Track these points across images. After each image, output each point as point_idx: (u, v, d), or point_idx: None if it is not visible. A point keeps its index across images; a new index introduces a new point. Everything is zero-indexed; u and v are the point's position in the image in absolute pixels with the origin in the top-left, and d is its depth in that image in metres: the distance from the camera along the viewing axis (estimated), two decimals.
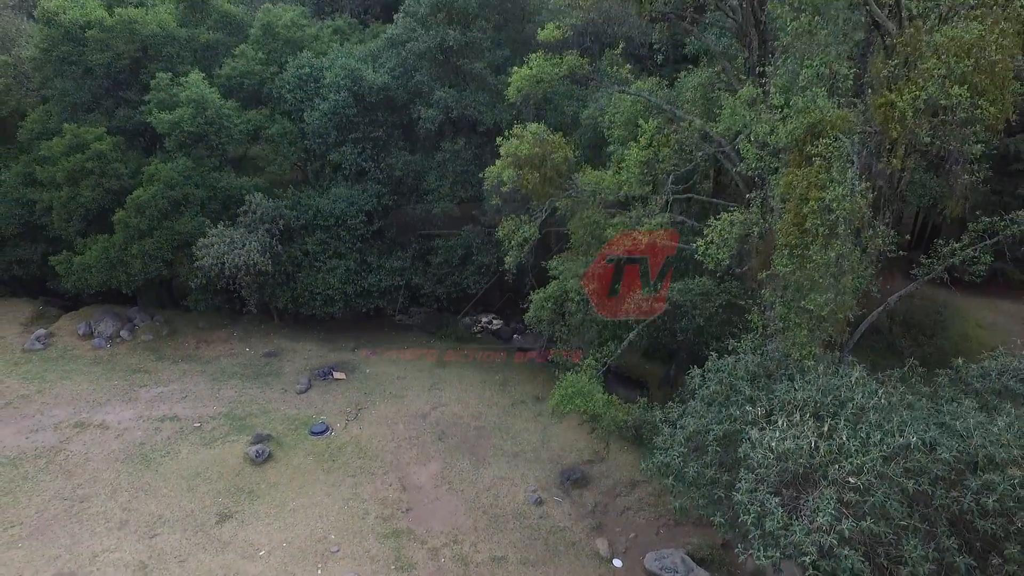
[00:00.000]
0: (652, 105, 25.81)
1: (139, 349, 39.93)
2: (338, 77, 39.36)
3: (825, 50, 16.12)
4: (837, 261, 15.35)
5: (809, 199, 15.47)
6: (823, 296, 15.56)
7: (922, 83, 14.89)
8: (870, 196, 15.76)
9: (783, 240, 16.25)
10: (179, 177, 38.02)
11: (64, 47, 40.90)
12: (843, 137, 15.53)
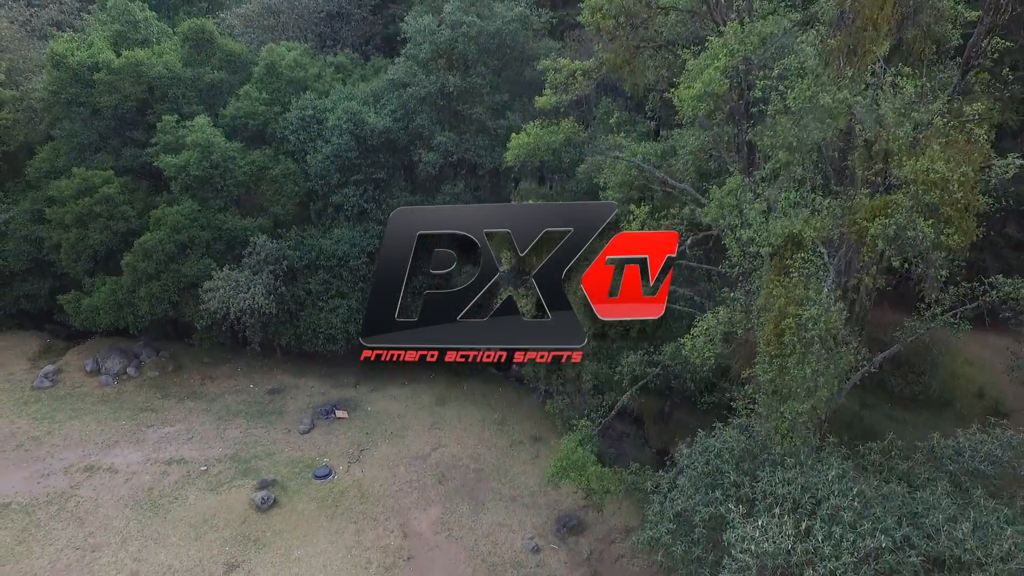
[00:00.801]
0: (645, 170, 26.78)
1: (145, 386, 40.86)
2: (340, 120, 40.27)
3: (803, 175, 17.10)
4: (812, 376, 16.33)
5: (787, 314, 16.46)
6: (800, 405, 16.55)
7: (891, 213, 15.87)
8: (844, 315, 16.75)
9: (763, 348, 17.24)
10: (185, 220, 38.93)
11: (72, 89, 41.80)
12: (821, 248, 16.52)
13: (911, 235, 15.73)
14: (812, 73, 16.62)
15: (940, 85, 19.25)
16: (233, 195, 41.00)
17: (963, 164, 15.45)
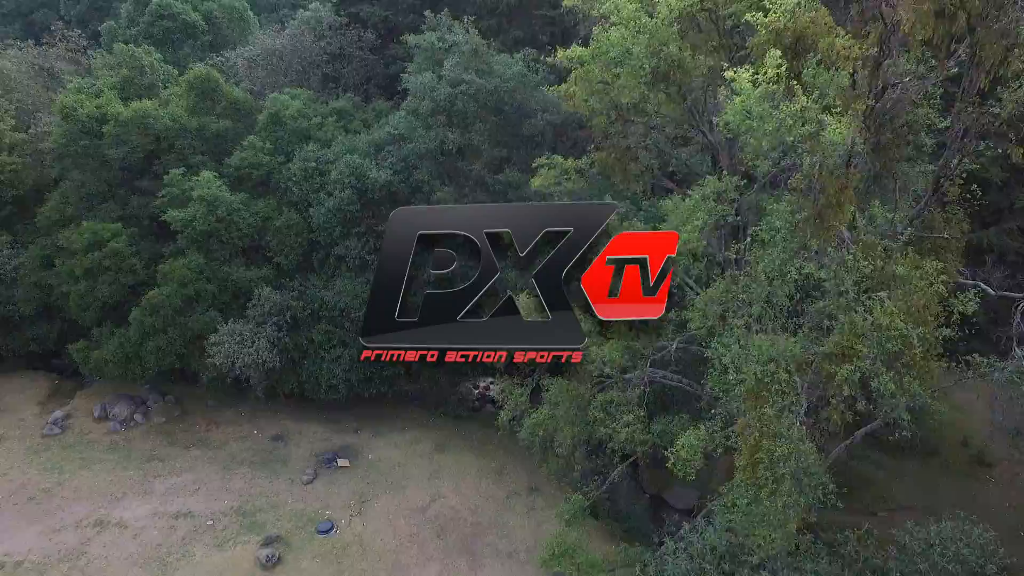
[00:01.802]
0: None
1: (152, 433, 41.97)
2: (343, 174, 41.29)
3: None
4: (783, 509, 17.42)
5: (761, 447, 17.56)
6: (772, 533, 17.64)
7: (856, 357, 16.97)
8: (815, 453, 17.85)
9: (739, 476, 18.34)
10: (192, 274, 39.99)
11: (82, 142, 42.87)
12: (796, 376, 17.61)
13: (875, 385, 16.86)
14: (781, 242, 17.79)
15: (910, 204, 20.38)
16: (238, 247, 42.03)
17: (923, 313, 16.57)
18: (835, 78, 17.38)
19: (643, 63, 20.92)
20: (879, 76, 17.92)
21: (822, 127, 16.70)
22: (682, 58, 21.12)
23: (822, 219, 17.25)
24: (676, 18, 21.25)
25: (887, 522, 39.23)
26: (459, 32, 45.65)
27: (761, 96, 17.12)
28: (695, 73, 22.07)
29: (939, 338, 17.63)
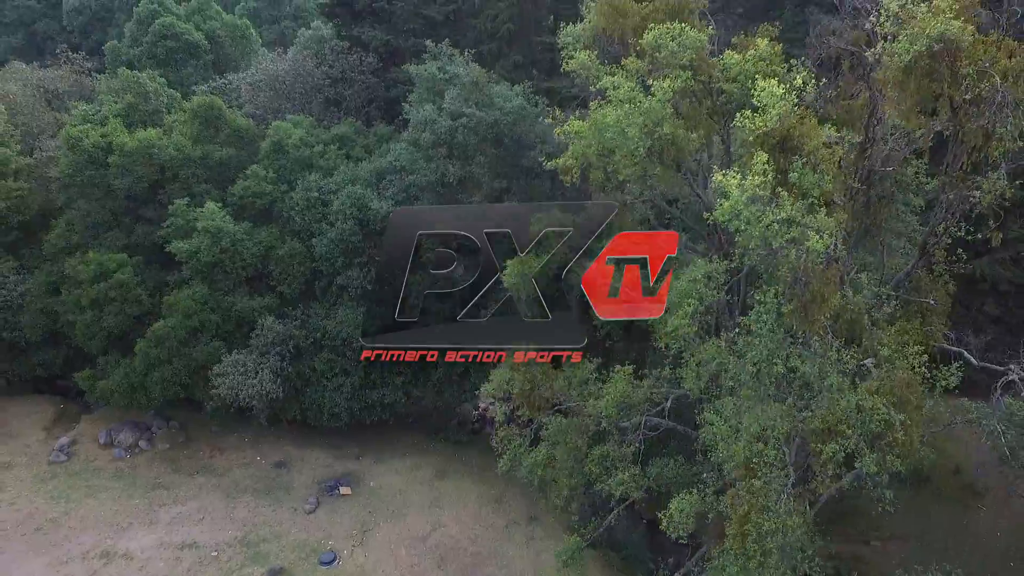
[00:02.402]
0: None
1: (157, 460, 42.62)
2: (345, 205, 41.91)
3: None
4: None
5: (749, 519, 18.20)
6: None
7: (842, 434, 17.66)
8: (803, 526, 18.50)
9: (729, 544, 18.99)
10: (196, 305, 40.63)
11: (88, 172, 43.49)
12: (785, 447, 18.27)
13: (858, 465, 17.53)
14: (768, 334, 18.47)
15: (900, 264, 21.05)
16: (242, 276, 42.64)
17: (906, 393, 17.23)
18: (820, 180, 18.04)
19: (638, 146, 21.58)
20: (864, 160, 18.57)
21: (806, 236, 17.36)
22: (676, 135, 21.80)
23: (807, 312, 17.93)
24: (670, 98, 21.89)
25: (880, 552, 40.02)
26: (459, 62, 46.29)
27: (749, 199, 17.76)
28: (689, 148, 22.73)
29: (920, 421, 18.31)
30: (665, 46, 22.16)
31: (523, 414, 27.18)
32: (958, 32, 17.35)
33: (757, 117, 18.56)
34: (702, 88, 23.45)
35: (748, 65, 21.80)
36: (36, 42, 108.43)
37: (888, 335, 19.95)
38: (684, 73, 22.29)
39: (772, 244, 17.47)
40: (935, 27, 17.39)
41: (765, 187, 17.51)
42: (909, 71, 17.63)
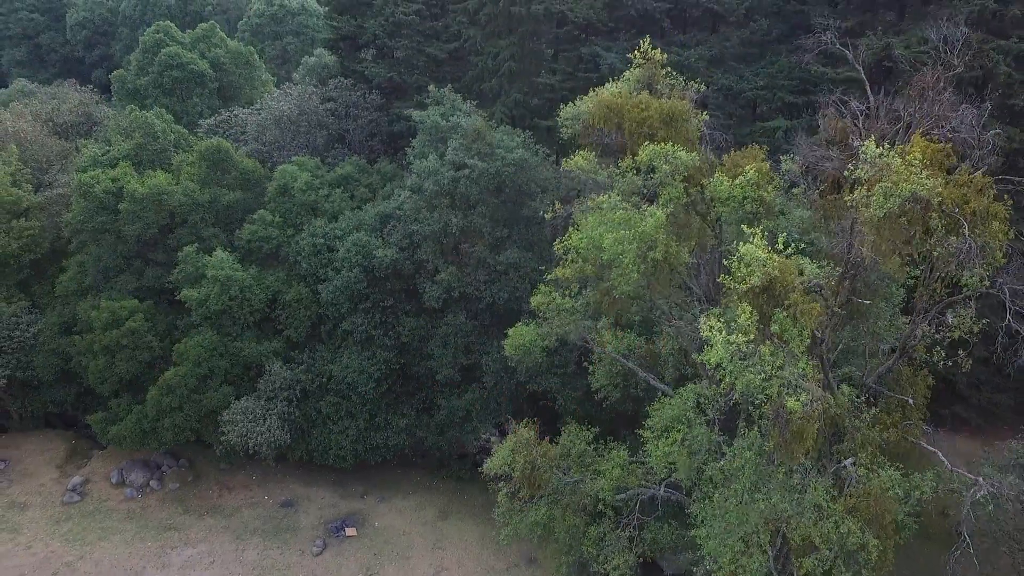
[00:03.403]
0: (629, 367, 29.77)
1: (168, 500, 43.88)
2: (350, 253, 43.01)
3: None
4: None
5: None
6: None
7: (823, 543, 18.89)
8: None
9: None
10: (206, 352, 41.81)
11: (100, 218, 44.58)
12: (768, 549, 19.50)
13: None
14: (750, 471, 19.67)
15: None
16: (249, 321, 43.79)
17: (882, 514, 18.44)
18: (800, 332, 19.20)
19: (632, 271, 22.75)
20: (843, 290, 19.73)
21: (787, 392, 18.54)
22: (668, 254, 22.92)
23: (787, 448, 19.09)
24: (663, 224, 22.98)
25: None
26: (461, 109, 47.29)
27: (731, 353, 18.94)
28: (682, 261, 23.84)
29: (893, 540, 19.49)
30: (659, 168, 23.28)
31: (524, 495, 28.42)
32: (928, 191, 18.50)
33: (741, 272, 19.67)
34: (693, 199, 24.52)
35: (737, 191, 22.89)
36: (40, 53, 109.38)
37: (868, 432, 21.09)
38: (677, 190, 23.36)
39: (755, 397, 18.69)
40: (906, 187, 18.55)
41: (749, 333, 18.65)
42: (884, 221, 18.80)
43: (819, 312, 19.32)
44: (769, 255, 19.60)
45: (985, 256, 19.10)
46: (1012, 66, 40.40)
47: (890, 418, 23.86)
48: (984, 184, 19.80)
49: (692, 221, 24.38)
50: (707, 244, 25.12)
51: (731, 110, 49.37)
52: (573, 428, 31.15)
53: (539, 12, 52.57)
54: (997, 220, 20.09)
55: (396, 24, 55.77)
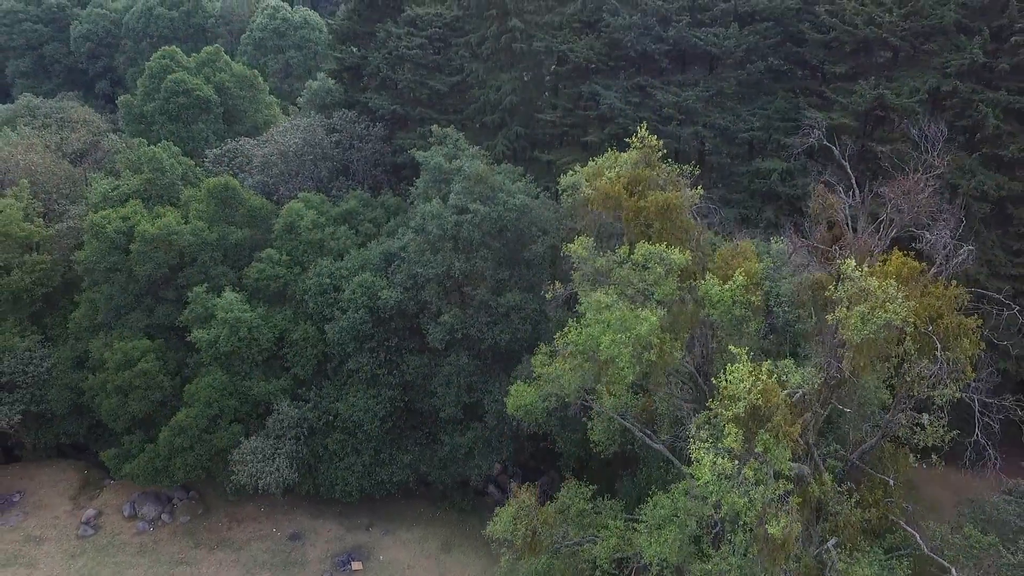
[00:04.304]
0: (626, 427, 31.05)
1: (179, 533, 45.23)
2: (356, 295, 44.20)
3: None
4: None
5: None
6: None
7: None
8: None
9: None
10: (216, 393, 43.07)
11: (111, 257, 45.74)
12: None
13: None
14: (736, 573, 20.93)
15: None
16: (258, 360, 45.02)
17: None
18: (783, 453, 20.44)
19: (627, 373, 23.99)
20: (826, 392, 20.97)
21: (770, 516, 19.78)
22: (662, 352, 24.12)
23: (771, 556, 20.32)
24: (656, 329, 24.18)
25: None
26: (464, 148, 48.36)
27: (717, 477, 20.20)
28: (675, 358, 25.05)
29: None
30: (653, 270, 24.46)
31: (525, 561, 29.71)
32: (901, 320, 19.72)
33: (728, 397, 20.90)
34: (685, 296, 25.70)
35: (727, 296, 24.07)
36: (44, 64, 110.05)
37: (850, 513, 22.34)
38: (671, 287, 24.54)
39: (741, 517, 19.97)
40: (882, 315, 19.79)
41: (734, 457, 19.92)
42: (861, 343, 20.05)
43: (801, 427, 20.55)
44: (754, 380, 20.84)
45: (956, 374, 20.34)
46: (1000, 118, 41.44)
47: (872, 495, 25.15)
48: (957, 295, 20.98)
49: (685, 311, 25.58)
50: (699, 329, 26.34)
51: (728, 149, 50.48)
52: (572, 485, 32.46)
53: (540, 49, 53.67)
54: (968, 338, 21.31)
55: (399, 57, 56.71)
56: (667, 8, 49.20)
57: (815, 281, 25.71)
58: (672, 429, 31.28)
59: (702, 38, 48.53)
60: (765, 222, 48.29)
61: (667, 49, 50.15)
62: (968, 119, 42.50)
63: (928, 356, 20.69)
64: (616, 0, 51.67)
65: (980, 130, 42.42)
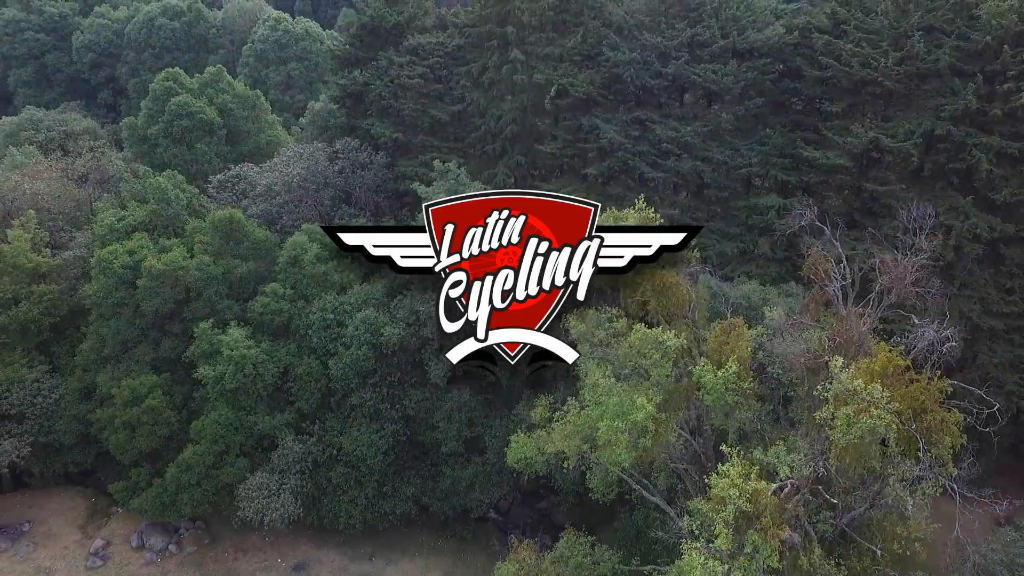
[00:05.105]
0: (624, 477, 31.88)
1: (186, 564, 46.18)
2: (359, 331, 44.98)
3: None
4: None
5: None
6: None
7: None
8: None
9: None
10: (222, 429, 43.92)
11: (118, 293, 46.49)
12: None
13: None
14: None
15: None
16: (263, 395, 45.85)
17: None
18: (770, 555, 21.30)
19: (624, 459, 24.81)
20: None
21: None
22: (657, 435, 24.94)
23: None
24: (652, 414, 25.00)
25: None
26: (465, 183, 49.07)
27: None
28: (669, 437, 25.88)
29: None
30: (649, 356, 25.29)
31: None
32: (885, 426, 20.56)
33: (718, 500, 21.76)
34: (682, 373, 26.53)
35: (720, 384, 24.89)
36: (46, 73, 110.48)
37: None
38: (666, 370, 25.39)
39: None
40: (867, 421, 20.62)
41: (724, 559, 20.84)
42: (846, 446, 20.92)
43: (789, 531, 21.45)
44: (743, 485, 21.69)
45: (937, 471, 21.18)
46: (993, 162, 42.12)
47: (860, 563, 26.02)
48: (941, 389, 21.77)
49: (681, 388, 26.41)
50: (694, 403, 27.19)
51: (726, 184, 51.18)
52: (571, 536, 33.33)
53: (540, 81, 54.31)
54: (950, 436, 22.14)
55: (401, 86, 57.31)
56: (666, 44, 49.80)
57: (806, 349, 26.52)
58: (668, 480, 32.15)
59: (701, 75, 49.14)
60: (762, 256, 49.13)
61: (666, 84, 50.78)
62: (962, 162, 43.11)
63: (911, 455, 21.52)
64: (616, 34, 52.28)
65: (974, 173, 43.07)
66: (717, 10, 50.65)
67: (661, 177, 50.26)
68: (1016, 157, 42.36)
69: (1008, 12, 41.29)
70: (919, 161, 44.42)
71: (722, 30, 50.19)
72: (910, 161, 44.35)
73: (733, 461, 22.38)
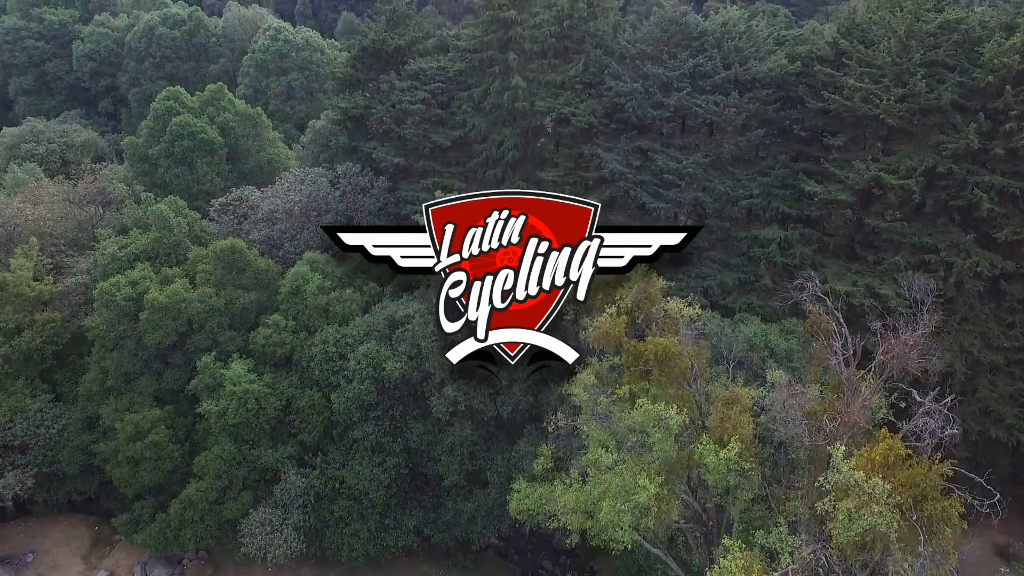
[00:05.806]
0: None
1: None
2: (361, 365, 45.14)
3: None
4: None
5: None
6: None
7: None
8: None
9: None
10: (224, 465, 44.11)
11: (121, 325, 46.64)
12: None
13: None
14: None
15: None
16: (265, 429, 46.03)
17: None
18: None
19: (626, 540, 25.01)
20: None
21: None
22: (659, 514, 25.11)
23: None
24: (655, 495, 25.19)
25: None
26: None
27: None
28: (671, 516, 26.08)
29: None
30: (651, 435, 25.44)
31: None
32: (886, 525, 20.74)
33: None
34: (683, 447, 26.69)
35: (722, 466, 25.04)
36: (46, 81, 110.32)
37: None
38: (668, 445, 25.52)
39: None
40: (869, 519, 20.81)
41: None
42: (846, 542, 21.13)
43: None
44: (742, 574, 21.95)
45: (939, 562, 21.38)
46: (995, 200, 42.16)
47: None
48: (943, 473, 21.93)
49: (682, 461, 26.59)
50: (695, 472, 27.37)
51: (728, 213, 51.20)
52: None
53: (542, 108, 54.27)
54: (951, 526, 22.29)
55: (403, 111, 57.25)
56: (668, 75, 49.72)
57: (808, 411, 26.70)
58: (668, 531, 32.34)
59: (703, 106, 49.05)
60: (761, 288, 49.22)
61: (668, 115, 50.72)
62: (963, 199, 43.16)
63: (912, 549, 21.71)
64: (618, 63, 52.20)
65: (975, 211, 43.12)
66: (719, 40, 50.51)
67: (662, 207, 50.24)
68: (1017, 196, 42.40)
69: (1011, 51, 41.24)
70: (920, 198, 44.39)
71: (724, 60, 50.05)
72: (911, 197, 44.37)
73: (734, 554, 22.63)
